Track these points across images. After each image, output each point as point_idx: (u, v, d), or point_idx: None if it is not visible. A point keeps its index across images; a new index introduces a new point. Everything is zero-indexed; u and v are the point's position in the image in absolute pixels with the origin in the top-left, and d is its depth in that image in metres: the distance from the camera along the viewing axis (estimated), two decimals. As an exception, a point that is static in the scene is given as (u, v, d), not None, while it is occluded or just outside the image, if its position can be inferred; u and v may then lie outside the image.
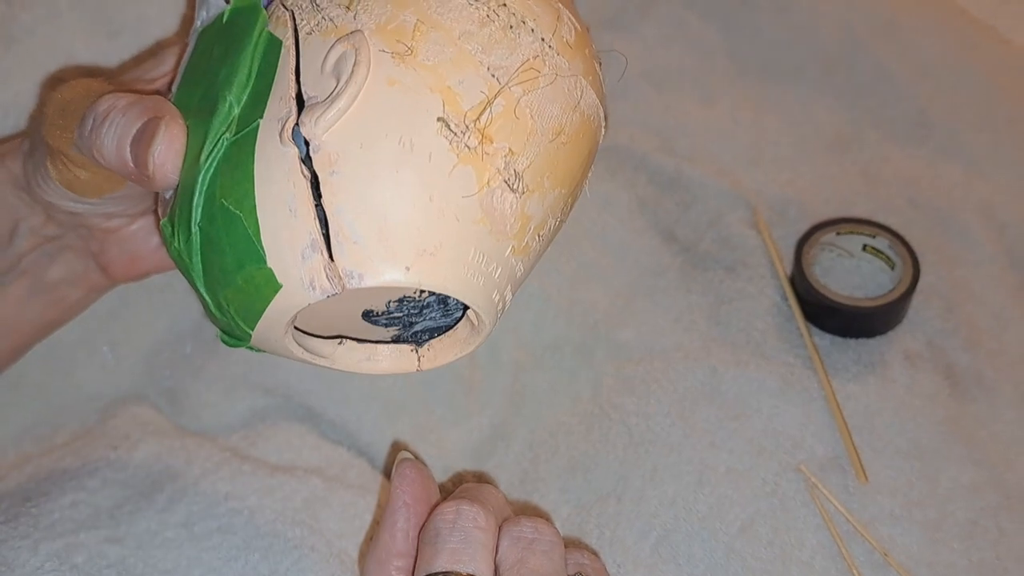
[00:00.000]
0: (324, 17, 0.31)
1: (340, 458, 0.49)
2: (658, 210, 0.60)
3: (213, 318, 0.34)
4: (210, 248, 0.31)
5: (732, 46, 0.67)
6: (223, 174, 0.31)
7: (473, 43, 0.31)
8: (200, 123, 0.32)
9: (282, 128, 0.30)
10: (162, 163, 0.33)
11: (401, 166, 0.30)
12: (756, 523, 0.48)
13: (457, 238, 0.30)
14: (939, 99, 0.64)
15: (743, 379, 0.52)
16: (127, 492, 0.45)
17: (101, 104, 0.35)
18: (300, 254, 0.29)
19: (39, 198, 0.40)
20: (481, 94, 0.30)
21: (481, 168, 0.30)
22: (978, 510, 0.49)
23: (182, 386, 0.52)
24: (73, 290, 0.44)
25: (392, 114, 0.30)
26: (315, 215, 0.29)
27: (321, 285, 0.30)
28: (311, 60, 0.30)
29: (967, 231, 0.59)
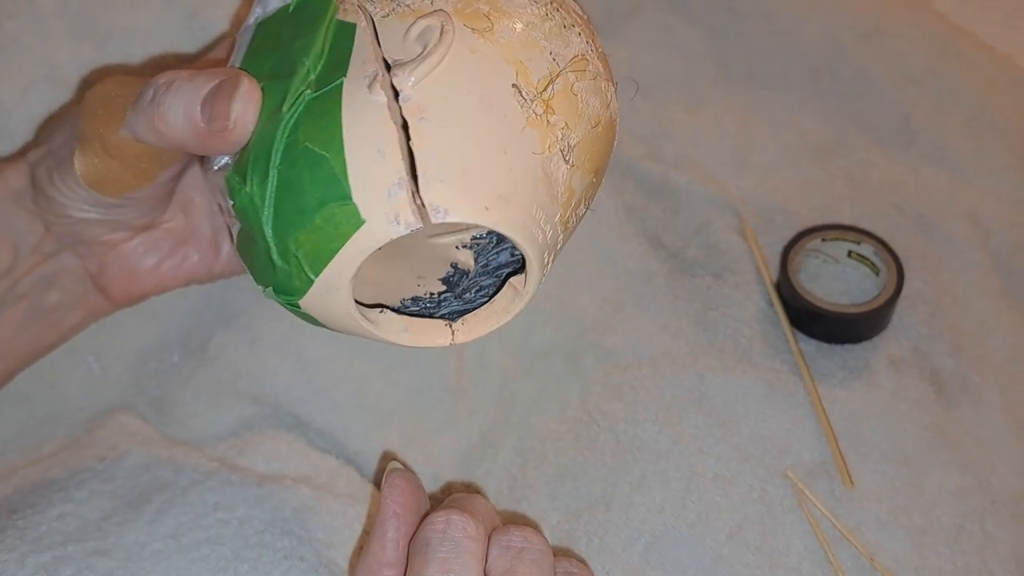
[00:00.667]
0: (399, 4, 0.35)
1: (328, 467, 0.49)
2: (645, 217, 0.60)
3: (268, 270, 0.35)
4: (288, 189, 0.33)
5: (718, 53, 0.67)
6: (306, 122, 0.33)
7: (537, 32, 0.35)
8: (274, 85, 0.34)
9: (371, 81, 0.32)
10: (243, 114, 0.34)
11: (481, 120, 0.33)
12: (744, 529, 0.48)
13: (525, 191, 0.34)
14: (923, 105, 0.64)
15: (730, 385, 0.53)
16: (115, 503, 0.44)
17: (160, 78, 0.36)
18: (387, 191, 0.32)
19: (45, 207, 0.40)
20: (546, 71, 0.35)
21: (544, 133, 0.34)
22: (964, 515, 0.49)
23: (169, 395, 0.52)
24: (71, 314, 0.44)
25: (473, 77, 0.33)
26: (403, 156, 0.32)
27: (406, 220, 0.32)
28: (391, 34, 0.34)
29: (952, 237, 0.59)
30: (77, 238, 0.41)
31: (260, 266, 0.35)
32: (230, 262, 0.46)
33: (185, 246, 0.45)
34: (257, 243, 0.35)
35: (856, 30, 0.66)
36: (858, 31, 0.66)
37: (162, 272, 0.44)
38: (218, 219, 0.45)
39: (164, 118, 0.35)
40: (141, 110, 0.36)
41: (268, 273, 0.35)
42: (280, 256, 0.34)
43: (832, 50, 0.66)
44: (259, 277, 0.36)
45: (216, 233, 0.45)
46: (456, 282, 0.39)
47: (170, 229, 0.44)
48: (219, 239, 0.45)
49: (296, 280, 0.34)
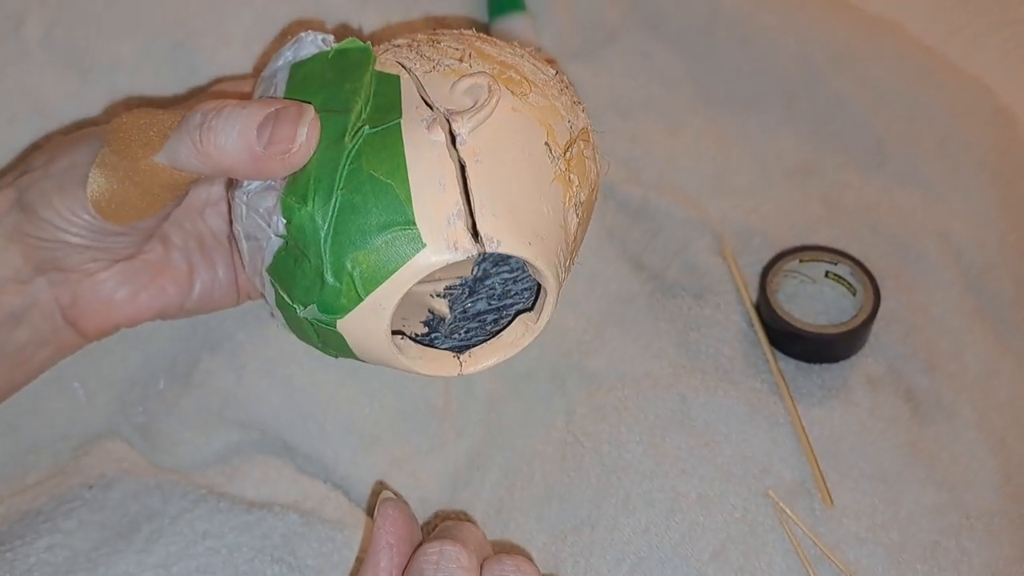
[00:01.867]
0: (439, 64, 0.38)
1: (317, 492, 0.50)
2: (626, 239, 0.61)
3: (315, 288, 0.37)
4: (351, 211, 0.35)
5: (696, 77, 0.68)
6: (369, 152, 0.36)
7: (559, 103, 0.39)
8: (329, 118, 0.37)
9: (429, 124, 0.36)
10: (308, 141, 0.36)
11: (523, 168, 0.37)
12: (727, 549, 0.49)
13: (553, 234, 0.38)
14: (895, 126, 0.66)
15: (712, 405, 0.54)
16: (104, 533, 0.44)
17: (206, 105, 0.37)
18: (447, 219, 0.35)
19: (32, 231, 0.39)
20: (567, 136, 0.39)
21: (565, 188, 0.38)
22: (940, 531, 0.50)
23: (156, 422, 0.52)
24: (39, 351, 0.44)
25: (516, 130, 0.37)
26: (461, 191, 0.35)
27: (463, 246, 0.35)
28: (436, 88, 0.37)
29: (925, 256, 0.60)
30: (55, 265, 0.41)
31: (305, 284, 0.37)
32: (201, 298, 0.46)
33: (160, 278, 0.45)
34: (307, 261, 0.36)
35: (830, 53, 0.67)
36: (832, 54, 0.67)
37: (136, 304, 0.44)
38: (194, 256, 0.45)
39: (216, 142, 0.36)
40: (187, 134, 0.37)
41: (314, 291, 0.37)
42: (333, 274, 0.36)
43: (807, 73, 0.67)
44: (300, 295, 0.37)
45: (191, 268, 0.45)
46: (436, 327, 0.40)
47: (147, 260, 0.44)
48: (193, 275, 0.45)
49: (344, 298, 0.36)
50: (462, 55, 0.39)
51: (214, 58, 0.55)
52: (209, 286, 0.46)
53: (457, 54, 0.39)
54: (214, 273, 0.46)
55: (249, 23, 0.56)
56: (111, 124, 0.39)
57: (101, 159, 0.38)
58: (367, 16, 0.60)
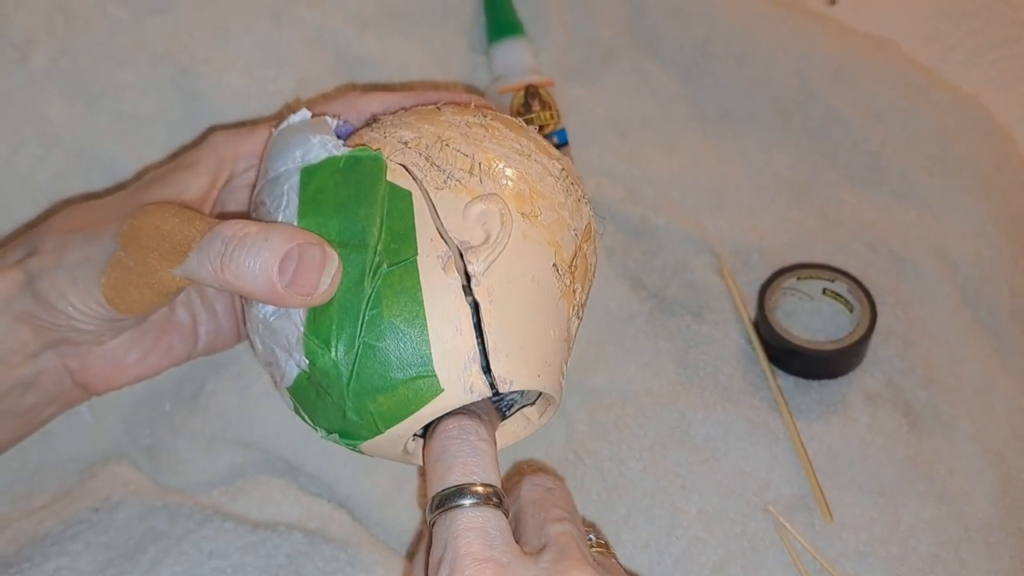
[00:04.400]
0: (450, 177, 0.38)
1: (320, 511, 0.50)
2: (625, 258, 0.61)
3: (337, 420, 0.38)
4: (374, 359, 0.37)
5: (693, 95, 0.69)
6: (388, 297, 0.37)
7: (565, 210, 0.40)
8: (347, 254, 0.38)
9: (444, 263, 0.37)
10: (332, 287, 0.37)
11: (533, 298, 0.38)
12: (727, 565, 0.49)
13: (558, 353, 0.39)
14: (891, 143, 0.66)
15: (711, 422, 0.54)
16: (110, 555, 0.45)
17: (227, 229, 0.37)
18: (463, 364, 0.37)
19: (44, 316, 0.40)
20: (572, 249, 0.40)
21: (570, 301, 0.40)
22: (939, 544, 0.50)
23: (162, 444, 0.53)
24: (47, 409, 0.44)
25: (527, 260, 0.38)
26: (475, 334, 0.37)
27: (479, 389, 0.37)
28: (449, 210, 0.38)
29: (922, 272, 0.61)
30: (66, 342, 0.42)
31: (327, 415, 0.39)
32: (206, 347, 0.47)
33: (167, 336, 0.45)
34: (330, 398, 0.38)
35: (826, 71, 0.68)
36: (828, 72, 0.68)
37: (146, 363, 0.45)
38: (196, 306, 0.46)
39: (236, 272, 0.36)
40: (208, 260, 0.37)
41: (335, 422, 0.39)
42: (355, 412, 0.38)
43: (803, 91, 0.68)
44: (322, 422, 0.39)
45: (195, 320, 0.46)
46: None
47: (153, 322, 0.44)
48: (197, 326, 0.46)
49: (365, 431, 0.38)
50: (472, 165, 0.39)
51: (217, 84, 0.56)
52: (213, 334, 0.47)
53: (467, 163, 0.39)
54: (216, 321, 0.47)
55: (251, 49, 0.57)
56: (127, 227, 0.39)
57: (116, 261, 0.38)
58: (366, 43, 0.61)
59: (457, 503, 0.35)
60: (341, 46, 0.60)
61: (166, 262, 0.38)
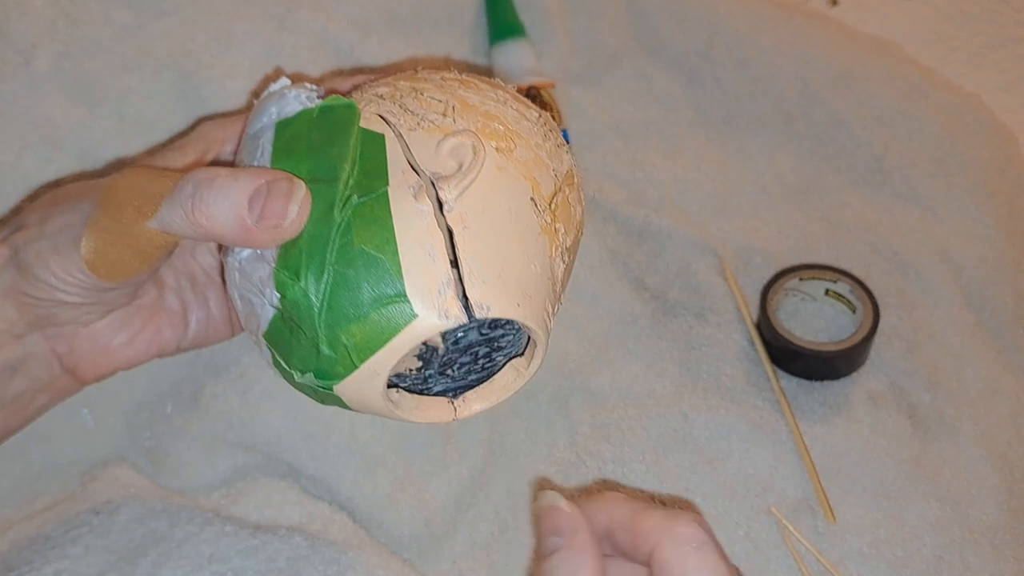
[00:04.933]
0: (423, 119, 0.38)
1: (321, 513, 0.50)
2: (628, 260, 0.61)
3: (311, 358, 0.37)
4: (344, 286, 0.36)
5: (695, 99, 0.69)
6: (359, 225, 0.36)
7: (543, 151, 0.40)
8: (317, 188, 0.37)
9: (416, 192, 0.36)
10: (299, 216, 0.36)
11: (510, 229, 0.37)
12: (730, 566, 0.49)
13: (541, 289, 0.38)
14: (894, 146, 0.66)
15: (714, 424, 0.54)
16: (110, 558, 0.45)
17: (198, 173, 0.37)
18: (437, 290, 0.36)
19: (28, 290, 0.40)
20: (552, 186, 0.39)
21: (552, 239, 0.39)
22: (944, 546, 0.50)
23: (163, 446, 0.53)
24: (36, 398, 0.43)
25: (502, 191, 0.37)
26: (449, 259, 0.36)
27: (455, 315, 0.36)
28: (421, 147, 0.37)
29: (925, 273, 0.61)
30: (51, 321, 0.41)
31: (301, 354, 0.38)
32: (197, 335, 0.46)
33: (156, 320, 0.45)
34: (303, 333, 0.37)
35: (828, 74, 0.68)
36: (830, 75, 0.68)
37: (134, 347, 0.44)
38: (187, 294, 0.46)
39: (207, 213, 0.37)
40: (179, 204, 0.37)
41: (310, 360, 0.37)
42: (328, 346, 0.37)
43: (805, 94, 0.68)
44: (296, 363, 0.38)
45: (185, 307, 0.46)
46: (430, 359, 0.41)
47: (142, 305, 0.44)
48: (188, 313, 0.46)
49: (340, 367, 0.37)
50: (445, 108, 0.39)
51: (221, 89, 0.56)
52: (204, 323, 0.46)
53: (440, 107, 0.39)
54: (207, 310, 0.46)
55: (255, 54, 0.57)
56: (105, 186, 0.39)
57: (94, 221, 0.39)
58: (369, 47, 0.61)
59: None
60: (343, 51, 0.60)
61: (140, 215, 0.38)
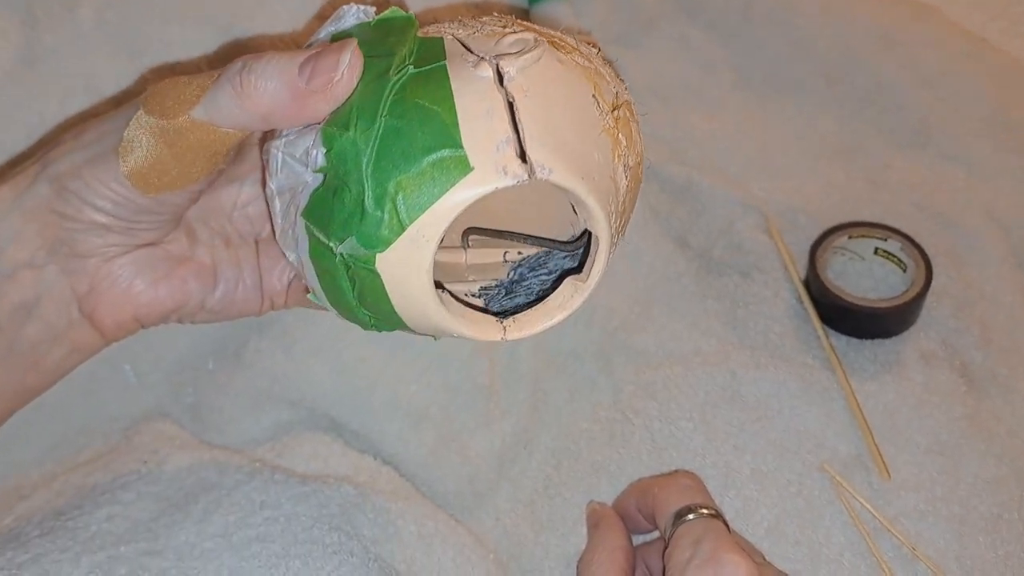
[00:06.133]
0: (483, 28, 0.37)
1: (368, 466, 0.49)
2: (671, 218, 0.61)
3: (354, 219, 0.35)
4: (396, 135, 0.34)
5: (735, 60, 0.68)
6: (415, 84, 0.34)
7: (603, 70, 0.38)
8: (372, 62, 0.35)
9: (476, 63, 0.35)
10: (352, 69, 0.35)
11: (572, 111, 0.35)
12: (783, 523, 0.48)
13: (605, 180, 0.36)
14: (938, 107, 0.65)
15: (763, 381, 0.53)
16: (162, 505, 0.44)
17: (245, 56, 0.36)
18: (495, 146, 0.33)
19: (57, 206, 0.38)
20: (612, 97, 0.38)
21: (614, 144, 0.36)
22: (1001, 504, 0.49)
23: (205, 402, 0.52)
24: (54, 349, 0.40)
25: (563, 79, 0.36)
26: (510, 121, 0.34)
27: (514, 171, 0.33)
28: (480, 45, 0.36)
29: (973, 233, 0.60)
30: (73, 249, 0.39)
31: (343, 216, 0.35)
32: (224, 298, 0.43)
33: (182, 269, 0.42)
34: (347, 190, 0.35)
35: (870, 35, 0.67)
36: (872, 36, 0.67)
37: (156, 294, 0.41)
38: (219, 252, 0.43)
39: (256, 84, 0.35)
40: (227, 80, 0.36)
41: (353, 222, 0.35)
42: (375, 201, 0.34)
43: (847, 56, 0.67)
44: (338, 229, 0.35)
45: (215, 265, 0.43)
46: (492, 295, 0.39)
47: (169, 250, 0.41)
48: (217, 271, 0.43)
49: (385, 229, 0.34)
50: (505, 24, 0.38)
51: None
52: (233, 286, 0.43)
53: (500, 24, 0.38)
54: (239, 272, 0.43)
55: (295, 6, 0.57)
56: (146, 92, 0.38)
57: (135, 122, 0.37)
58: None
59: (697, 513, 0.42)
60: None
61: (186, 104, 0.36)
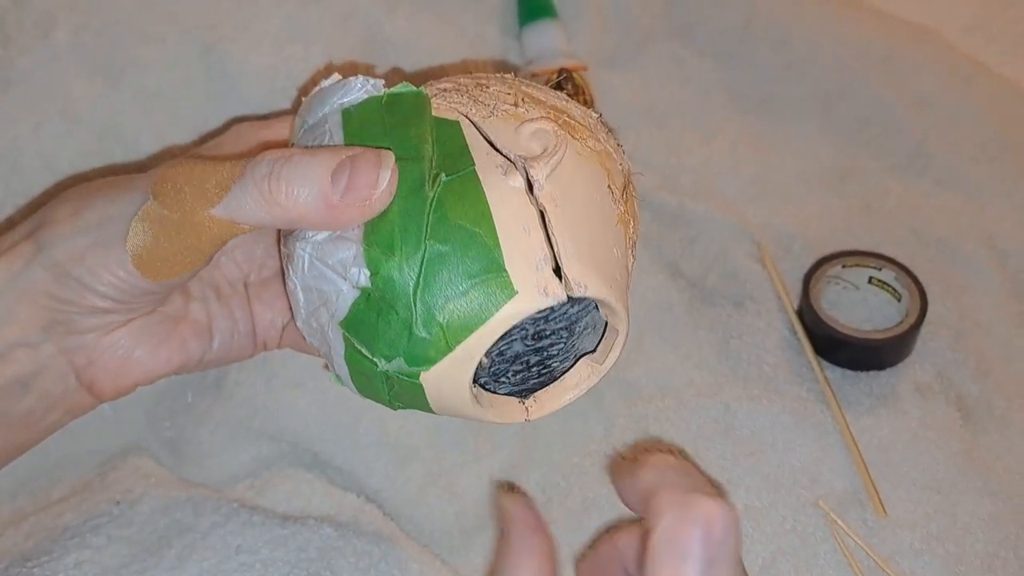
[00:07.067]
0: (496, 109, 0.37)
1: (351, 505, 0.48)
2: (663, 246, 0.59)
3: (401, 340, 0.35)
4: (441, 261, 0.35)
5: (729, 82, 0.67)
6: (451, 200, 0.35)
7: (609, 147, 0.39)
8: (402, 166, 0.35)
9: (506, 170, 0.35)
10: (390, 186, 0.34)
11: (593, 213, 0.36)
12: (778, 561, 0.47)
13: (622, 276, 0.37)
14: (936, 131, 0.64)
15: (756, 415, 0.52)
16: (134, 549, 0.43)
17: (270, 154, 0.35)
18: (535, 266, 0.34)
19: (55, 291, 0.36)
20: (621, 179, 0.39)
21: (625, 230, 0.38)
22: (997, 542, 0.48)
23: (184, 436, 0.51)
24: (48, 416, 0.40)
25: (582, 175, 0.37)
26: (544, 236, 0.35)
27: (554, 292, 0.34)
28: (500, 133, 0.36)
29: (970, 260, 0.59)
30: (71, 328, 0.38)
31: (390, 337, 0.35)
32: (221, 349, 0.43)
33: (180, 330, 0.41)
34: (394, 314, 0.35)
35: (867, 58, 0.66)
36: (870, 59, 0.66)
37: (156, 360, 0.40)
38: (212, 305, 0.42)
39: (287, 191, 0.34)
40: (254, 184, 0.35)
41: (400, 343, 0.35)
42: (423, 325, 0.35)
43: (844, 78, 0.66)
44: (383, 348, 0.36)
45: (210, 319, 0.42)
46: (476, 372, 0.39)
47: (166, 313, 0.41)
48: (213, 326, 0.42)
49: (432, 350, 0.35)
50: (515, 100, 0.38)
51: (244, 62, 0.54)
52: (228, 337, 0.43)
53: (510, 99, 0.38)
54: (233, 323, 0.43)
55: (279, 26, 0.55)
56: (157, 175, 0.36)
57: (146, 212, 0.35)
58: (396, 22, 0.59)
59: None
60: (372, 25, 0.58)
61: (206, 201, 0.35)
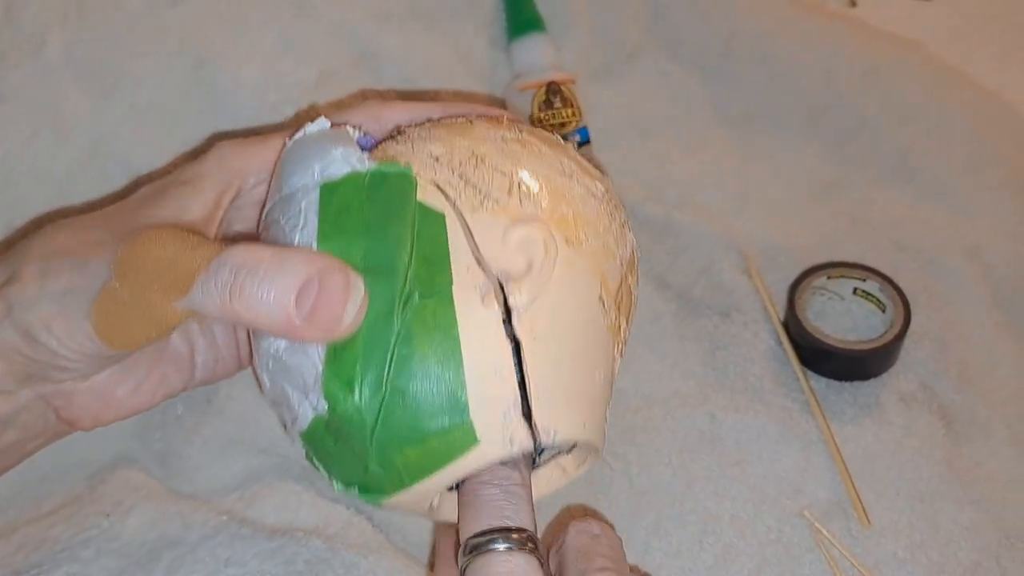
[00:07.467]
0: (487, 198, 0.34)
1: (339, 516, 0.48)
2: (649, 257, 0.60)
3: (357, 472, 0.34)
4: (403, 405, 0.32)
5: (715, 96, 0.68)
6: (420, 335, 0.32)
7: (610, 236, 0.36)
8: (374, 281, 0.33)
9: (483, 295, 0.33)
10: (356, 319, 0.32)
11: (578, 336, 0.34)
12: (763, 571, 0.48)
13: (603, 397, 0.36)
14: (920, 142, 0.65)
15: (742, 425, 0.52)
16: (123, 563, 0.43)
17: (235, 255, 0.33)
18: (503, 413, 0.32)
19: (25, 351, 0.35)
20: (617, 279, 0.36)
21: (615, 338, 0.36)
22: (980, 550, 0.49)
23: (174, 448, 0.51)
24: (31, 443, 0.40)
25: (572, 292, 0.34)
26: (517, 376, 0.33)
27: (520, 441, 0.33)
28: (486, 235, 0.34)
29: (954, 272, 0.59)
30: (47, 379, 0.37)
31: (346, 467, 0.34)
32: (204, 375, 0.42)
33: (161, 366, 0.40)
34: (350, 447, 0.33)
35: (852, 70, 0.67)
36: (855, 71, 0.67)
37: (139, 396, 0.40)
38: (193, 335, 0.41)
39: (248, 304, 0.32)
40: (215, 291, 0.33)
41: (354, 475, 0.34)
42: (379, 465, 0.33)
43: (829, 91, 0.67)
44: (339, 474, 0.35)
45: (192, 349, 0.41)
46: None
47: (146, 352, 0.39)
48: (195, 355, 0.41)
49: (388, 485, 0.34)
50: (510, 185, 0.35)
51: (236, 76, 0.54)
52: (211, 364, 0.42)
53: (504, 182, 0.35)
54: (216, 350, 0.42)
55: (271, 42, 0.56)
56: (122, 255, 0.34)
57: (110, 292, 0.34)
58: (386, 37, 0.59)
59: (489, 548, 0.32)
60: (362, 40, 0.58)
61: (167, 295, 0.33)
